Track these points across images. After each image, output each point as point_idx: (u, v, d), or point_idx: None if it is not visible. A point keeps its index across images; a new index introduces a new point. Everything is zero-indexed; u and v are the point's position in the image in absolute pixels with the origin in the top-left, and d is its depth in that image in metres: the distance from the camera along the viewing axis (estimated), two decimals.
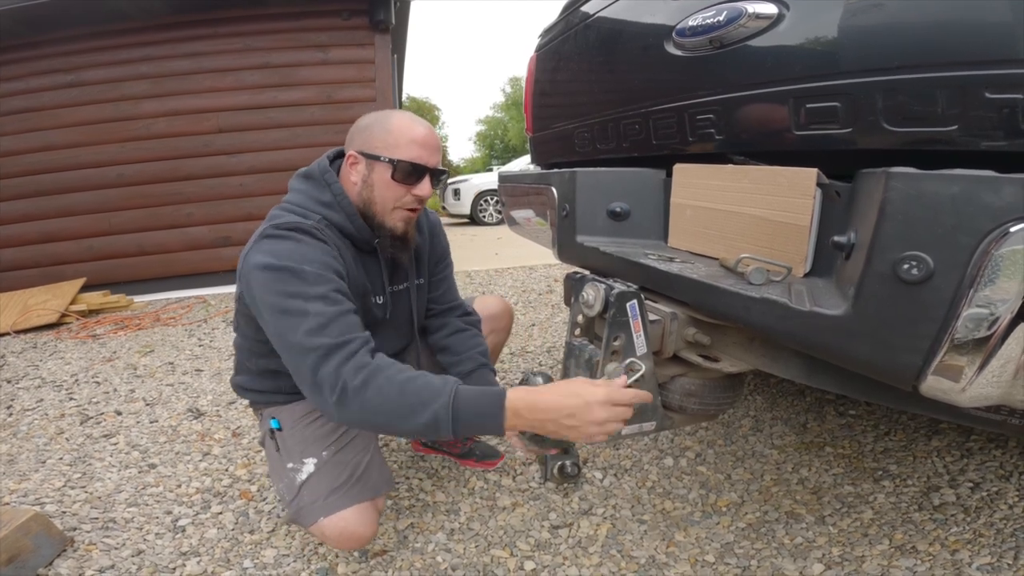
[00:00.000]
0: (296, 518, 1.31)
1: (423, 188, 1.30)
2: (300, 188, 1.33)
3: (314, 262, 1.15)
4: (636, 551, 1.44)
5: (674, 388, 1.20)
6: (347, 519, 1.26)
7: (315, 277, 1.13)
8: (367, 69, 5.38)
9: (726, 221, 1.16)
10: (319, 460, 1.33)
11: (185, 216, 5.24)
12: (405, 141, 1.26)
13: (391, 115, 1.30)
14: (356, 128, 1.31)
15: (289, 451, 1.36)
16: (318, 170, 1.33)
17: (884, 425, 1.91)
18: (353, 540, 1.29)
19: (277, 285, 1.12)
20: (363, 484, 1.33)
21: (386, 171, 1.26)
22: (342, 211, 1.29)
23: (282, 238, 1.18)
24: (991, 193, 0.63)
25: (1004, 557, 1.28)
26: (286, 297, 1.11)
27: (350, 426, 1.16)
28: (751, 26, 1.06)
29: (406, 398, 1.04)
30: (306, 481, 1.31)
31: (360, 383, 1.05)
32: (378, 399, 1.05)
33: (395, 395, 1.05)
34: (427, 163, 1.28)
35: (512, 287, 4.62)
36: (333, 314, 1.11)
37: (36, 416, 2.46)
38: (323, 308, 1.10)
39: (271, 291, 1.13)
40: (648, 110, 1.40)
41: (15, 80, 4.93)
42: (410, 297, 1.52)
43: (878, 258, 0.71)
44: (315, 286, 1.12)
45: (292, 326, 1.09)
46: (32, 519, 1.44)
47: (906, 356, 0.70)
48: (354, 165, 1.30)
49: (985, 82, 0.72)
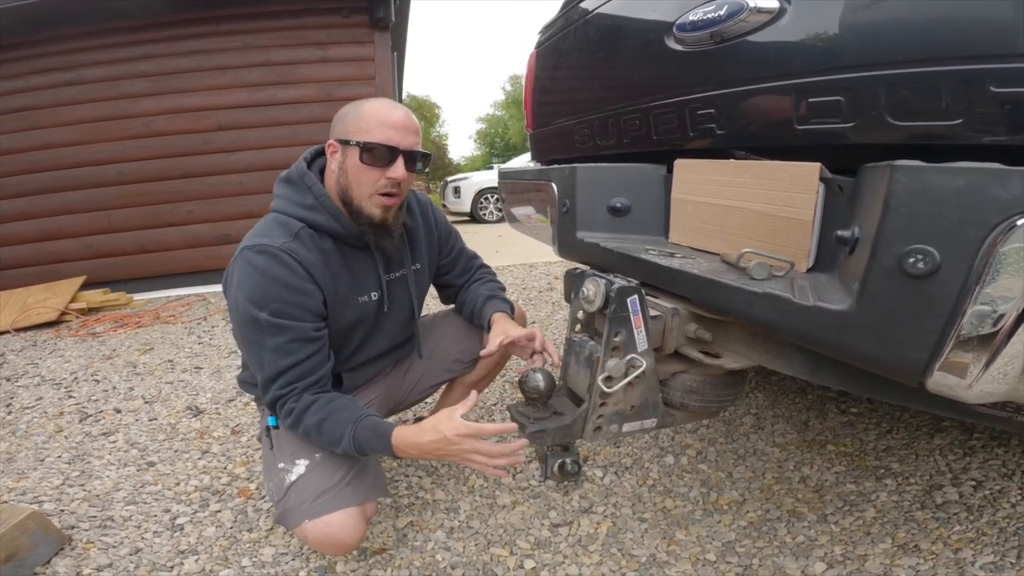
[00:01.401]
0: (282, 519, 1.29)
1: (396, 170, 1.26)
2: (283, 194, 1.33)
3: (275, 302, 1.21)
4: (637, 549, 1.43)
5: (675, 385, 1.19)
6: (331, 524, 1.24)
7: (271, 328, 1.21)
8: (367, 67, 5.37)
9: (728, 216, 1.15)
10: (311, 462, 1.31)
11: (185, 214, 5.23)
12: (376, 124, 1.24)
13: (366, 101, 1.29)
14: (335, 118, 1.31)
15: (282, 450, 1.35)
16: (296, 174, 1.32)
17: (886, 423, 1.90)
18: (336, 546, 1.26)
19: (241, 328, 1.26)
20: (352, 488, 1.30)
21: (356, 154, 1.24)
22: (326, 212, 1.29)
23: (252, 267, 1.22)
24: (998, 186, 0.62)
25: (1007, 556, 1.27)
26: (247, 341, 1.27)
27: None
28: (752, 20, 1.05)
29: (323, 437, 1.24)
30: (295, 483, 1.29)
31: (291, 424, 1.26)
32: (305, 436, 1.28)
33: (315, 435, 1.24)
34: (399, 144, 1.25)
35: (513, 284, 4.61)
36: (284, 367, 1.24)
37: (35, 414, 2.45)
38: (276, 361, 1.23)
39: (237, 326, 1.27)
40: (649, 105, 1.39)
41: (14, 78, 4.92)
42: (408, 284, 1.50)
43: (883, 252, 0.70)
44: (272, 337, 1.22)
45: (253, 365, 1.29)
46: (30, 517, 1.43)
47: (912, 351, 0.69)
48: (333, 154, 1.29)
49: (990, 76, 0.71)
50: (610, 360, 1.08)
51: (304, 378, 1.25)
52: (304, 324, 1.24)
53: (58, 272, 5.04)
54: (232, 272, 1.25)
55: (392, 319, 1.48)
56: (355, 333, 1.41)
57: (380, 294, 1.42)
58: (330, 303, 1.30)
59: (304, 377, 1.25)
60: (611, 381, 1.08)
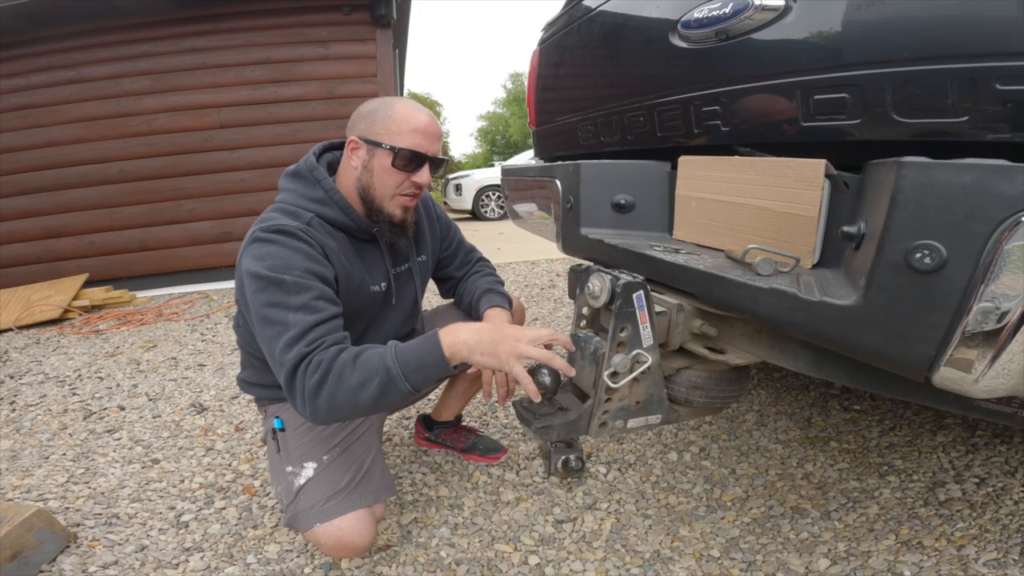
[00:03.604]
0: (292, 523, 1.29)
1: (422, 176, 1.30)
2: (290, 187, 1.33)
3: (296, 269, 1.18)
4: (640, 546, 1.43)
5: (680, 381, 1.19)
6: (343, 527, 1.24)
7: (296, 287, 1.16)
8: (368, 64, 5.37)
9: (732, 213, 1.15)
10: (319, 465, 1.31)
11: (187, 212, 5.23)
12: (407, 129, 1.26)
13: (394, 102, 1.29)
14: (359, 113, 1.31)
15: (289, 454, 1.35)
16: (306, 168, 1.33)
17: (889, 420, 1.90)
18: (348, 549, 1.26)
19: (261, 295, 1.17)
20: (362, 490, 1.31)
21: (387, 158, 1.27)
22: (335, 205, 1.30)
23: (268, 242, 1.20)
24: (1004, 182, 0.62)
25: (1010, 552, 1.27)
26: (269, 307, 1.16)
27: (330, 423, 1.18)
28: (758, 18, 1.06)
29: (358, 370, 1.10)
30: (304, 486, 1.29)
31: (319, 378, 1.10)
32: (335, 384, 1.09)
33: (349, 372, 1.10)
34: (427, 151, 1.29)
35: (514, 282, 4.62)
36: (311, 323, 1.15)
37: (39, 412, 2.46)
38: (303, 318, 1.14)
39: (256, 301, 1.17)
40: (653, 103, 1.39)
41: (16, 76, 4.92)
42: (413, 276, 1.52)
43: (890, 247, 0.70)
44: (296, 296, 1.16)
45: (274, 336, 1.15)
46: (35, 515, 1.43)
47: (919, 346, 0.70)
48: (355, 150, 1.30)
49: (995, 74, 0.72)
50: (615, 356, 1.08)
51: (332, 333, 1.17)
52: (327, 288, 1.22)
53: (61, 270, 5.06)
54: (243, 256, 1.23)
55: (398, 311, 1.49)
56: (361, 323, 1.41)
57: (388, 285, 1.43)
58: (342, 287, 1.29)
59: (332, 332, 1.17)
60: (616, 377, 1.08)
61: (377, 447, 1.43)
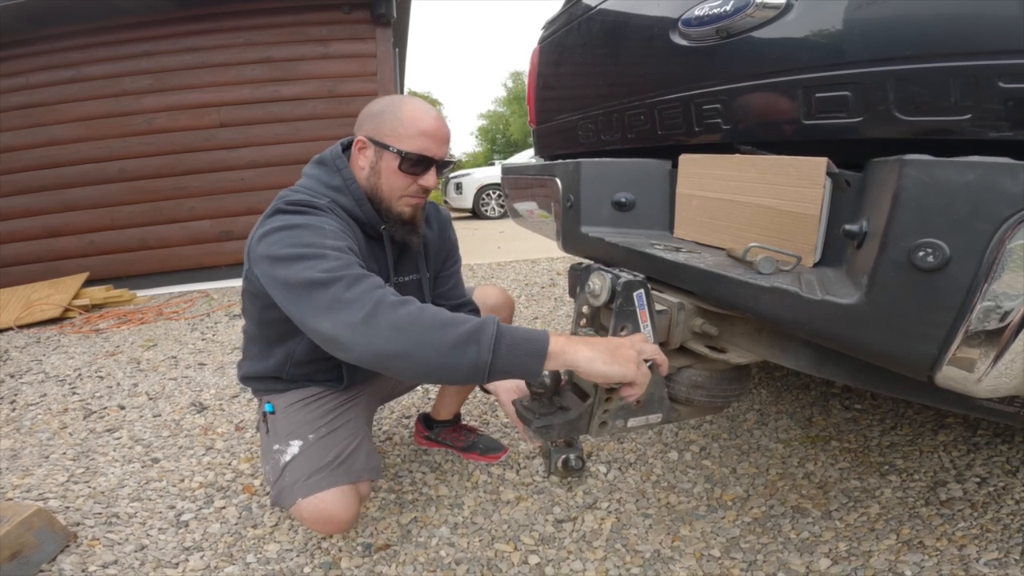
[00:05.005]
0: (277, 499, 1.30)
1: (429, 179, 1.30)
2: (312, 173, 1.34)
3: (329, 225, 1.15)
4: (641, 545, 1.43)
5: (680, 380, 1.19)
6: (325, 501, 1.25)
7: (333, 233, 1.11)
8: (369, 63, 5.37)
9: (733, 211, 1.14)
10: (304, 443, 1.33)
11: (187, 211, 5.23)
12: (415, 132, 1.25)
13: (403, 103, 1.28)
14: (368, 112, 1.31)
15: (277, 433, 1.37)
16: (330, 156, 1.34)
17: (890, 419, 1.90)
18: (331, 524, 1.27)
19: (292, 238, 1.07)
20: (347, 467, 1.32)
21: (394, 161, 1.26)
22: (350, 195, 1.30)
23: (295, 212, 1.16)
24: (1008, 180, 0.62)
25: (1012, 552, 1.27)
26: (302, 247, 1.05)
27: (369, 357, 0.94)
28: (758, 16, 1.05)
29: (439, 318, 0.95)
30: (289, 462, 1.31)
31: (397, 301, 0.96)
32: (408, 318, 0.94)
33: (430, 318, 0.94)
34: (435, 155, 1.28)
35: (515, 280, 4.61)
36: (353, 261, 1.05)
37: (39, 411, 2.45)
38: (342, 255, 1.05)
39: (285, 244, 1.06)
40: (653, 101, 1.38)
41: (16, 76, 4.93)
42: (421, 289, 1.50)
43: (893, 245, 0.70)
44: (333, 239, 1.09)
45: (310, 266, 1.01)
46: (35, 514, 1.43)
47: (921, 345, 0.69)
48: (363, 150, 1.30)
49: (998, 72, 0.71)
50: None
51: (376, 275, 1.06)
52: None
53: (61, 269, 5.06)
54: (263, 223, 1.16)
55: None
56: None
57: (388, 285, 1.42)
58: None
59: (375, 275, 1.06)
60: None
61: (365, 433, 1.44)
